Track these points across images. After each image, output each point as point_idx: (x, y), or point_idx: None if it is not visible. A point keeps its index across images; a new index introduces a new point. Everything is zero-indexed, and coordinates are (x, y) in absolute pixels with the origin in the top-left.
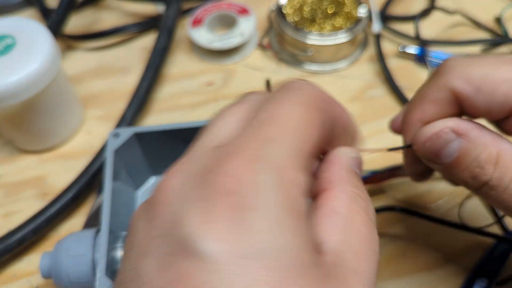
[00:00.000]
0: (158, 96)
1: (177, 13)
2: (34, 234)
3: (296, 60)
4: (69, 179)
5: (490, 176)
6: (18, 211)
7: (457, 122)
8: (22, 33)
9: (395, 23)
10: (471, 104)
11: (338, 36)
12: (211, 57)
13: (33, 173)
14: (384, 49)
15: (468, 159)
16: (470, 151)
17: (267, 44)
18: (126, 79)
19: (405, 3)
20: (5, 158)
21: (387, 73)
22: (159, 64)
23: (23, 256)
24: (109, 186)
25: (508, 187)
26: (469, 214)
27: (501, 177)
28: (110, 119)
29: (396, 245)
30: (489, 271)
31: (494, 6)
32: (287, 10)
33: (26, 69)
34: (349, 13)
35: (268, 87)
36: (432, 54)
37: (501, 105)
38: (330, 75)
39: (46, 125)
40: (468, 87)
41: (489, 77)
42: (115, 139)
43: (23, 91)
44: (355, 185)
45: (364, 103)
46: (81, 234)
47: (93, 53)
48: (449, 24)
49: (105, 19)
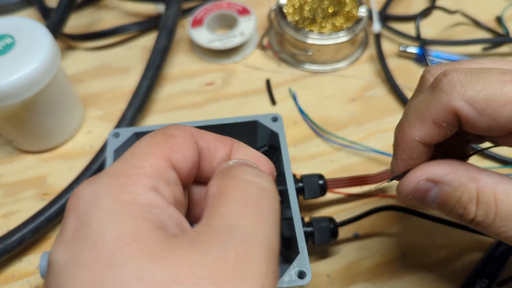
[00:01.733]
0: (158, 96)
1: (177, 13)
2: (33, 234)
3: (296, 60)
4: (69, 179)
5: (473, 214)
6: (17, 211)
7: (431, 170)
8: (21, 32)
9: (395, 23)
10: (473, 125)
11: (338, 35)
12: (211, 57)
13: (33, 173)
14: (384, 49)
15: (451, 202)
16: (450, 195)
17: (267, 44)
18: (126, 79)
19: (405, 3)
20: (5, 158)
21: (387, 73)
22: (159, 64)
23: (23, 256)
24: None
25: (494, 222)
26: None
27: (485, 214)
28: (110, 119)
29: (396, 245)
30: (490, 272)
31: (494, 5)
32: (288, 9)
33: (25, 69)
34: (349, 13)
35: (268, 87)
36: (432, 54)
37: (503, 126)
38: (330, 75)
39: (46, 125)
40: (471, 109)
41: (493, 99)
42: (115, 139)
43: (22, 91)
44: (233, 169)
45: (364, 103)
46: None
47: (93, 53)
48: (450, 24)
49: (105, 19)
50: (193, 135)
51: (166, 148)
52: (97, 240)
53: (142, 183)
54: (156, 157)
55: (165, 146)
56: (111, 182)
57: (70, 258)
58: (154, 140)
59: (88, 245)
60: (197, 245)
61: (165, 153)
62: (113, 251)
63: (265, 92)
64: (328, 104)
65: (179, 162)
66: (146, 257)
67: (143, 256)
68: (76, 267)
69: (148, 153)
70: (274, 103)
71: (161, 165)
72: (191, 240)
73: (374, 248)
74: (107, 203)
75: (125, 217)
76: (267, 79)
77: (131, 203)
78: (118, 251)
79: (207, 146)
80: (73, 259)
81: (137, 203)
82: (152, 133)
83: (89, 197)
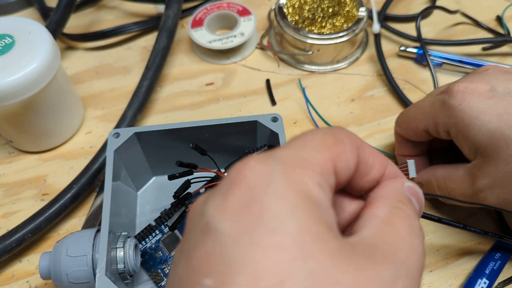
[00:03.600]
0: (158, 96)
1: (177, 13)
2: (33, 234)
3: (296, 60)
4: (69, 179)
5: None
6: (17, 211)
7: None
8: (21, 32)
9: (395, 23)
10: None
11: (338, 35)
12: (211, 57)
13: (33, 173)
14: (384, 49)
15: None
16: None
17: (267, 44)
18: (126, 79)
19: (405, 3)
20: (5, 158)
21: (387, 73)
22: (159, 64)
23: (23, 257)
24: (109, 186)
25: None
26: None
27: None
28: (110, 119)
29: None
30: (490, 271)
31: (495, 5)
32: (287, 9)
33: (25, 69)
34: (349, 13)
35: (268, 87)
36: (432, 54)
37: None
38: (330, 74)
39: (46, 125)
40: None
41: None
42: (115, 139)
43: (22, 91)
44: (400, 201)
45: (364, 103)
46: (80, 234)
47: (93, 53)
48: (450, 24)
49: (105, 19)
50: (358, 146)
51: (334, 152)
52: (277, 226)
53: (314, 178)
54: (325, 158)
55: (334, 151)
56: (285, 169)
57: (242, 232)
58: (325, 140)
59: (265, 228)
60: (373, 261)
61: (333, 157)
62: (297, 243)
63: (265, 92)
64: (328, 104)
65: (341, 169)
66: (328, 257)
67: (325, 256)
68: (252, 247)
69: (319, 151)
70: (274, 103)
71: (328, 167)
72: (365, 253)
73: None
74: (284, 190)
75: (305, 210)
76: (267, 79)
77: (307, 197)
78: (303, 246)
79: (365, 160)
80: (247, 236)
81: (312, 198)
82: (323, 131)
83: (263, 175)
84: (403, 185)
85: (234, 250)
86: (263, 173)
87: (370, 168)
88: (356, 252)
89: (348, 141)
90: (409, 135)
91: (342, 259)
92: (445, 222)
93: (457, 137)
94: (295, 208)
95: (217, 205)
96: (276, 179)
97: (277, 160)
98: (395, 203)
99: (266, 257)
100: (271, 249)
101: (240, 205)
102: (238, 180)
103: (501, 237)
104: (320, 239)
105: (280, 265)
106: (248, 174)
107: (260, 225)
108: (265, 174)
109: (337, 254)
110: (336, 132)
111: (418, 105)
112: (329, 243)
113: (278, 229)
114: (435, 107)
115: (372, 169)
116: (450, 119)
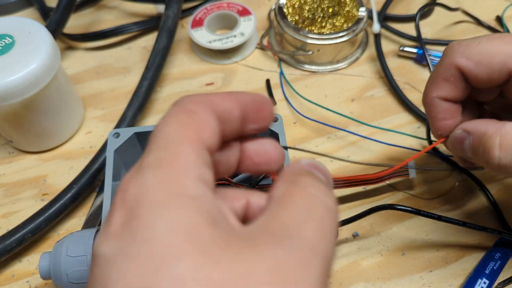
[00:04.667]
0: (158, 96)
1: (177, 13)
2: (33, 234)
3: (296, 60)
4: (69, 179)
5: (498, 158)
6: (17, 211)
7: (465, 124)
8: (21, 32)
9: (395, 23)
10: (474, 75)
11: (338, 35)
12: (211, 57)
13: (33, 173)
14: (384, 49)
15: (478, 148)
16: (477, 142)
17: (267, 44)
18: (126, 79)
19: (405, 3)
20: (5, 158)
21: (387, 73)
22: (159, 64)
23: (23, 257)
24: (109, 186)
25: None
26: (470, 212)
27: (509, 157)
28: (110, 119)
29: (396, 245)
30: (490, 272)
31: (495, 5)
32: (287, 9)
33: (25, 69)
34: (349, 13)
35: (268, 87)
36: (432, 54)
37: (499, 72)
38: (330, 74)
39: (45, 125)
40: (469, 62)
41: (484, 51)
42: (115, 139)
43: (22, 91)
44: (299, 175)
45: (364, 103)
46: (80, 234)
47: (93, 53)
48: (450, 23)
49: (105, 19)
50: (208, 104)
51: (194, 128)
52: (148, 234)
53: (188, 173)
54: (191, 140)
55: (192, 126)
56: (157, 174)
57: (118, 251)
58: (180, 120)
59: (138, 239)
60: (256, 247)
61: (196, 134)
62: (166, 246)
63: (265, 92)
64: (328, 104)
65: (209, 140)
66: (201, 255)
67: (199, 253)
68: (126, 261)
69: (183, 137)
70: (274, 103)
71: (198, 148)
72: (248, 241)
73: (374, 248)
74: (157, 197)
75: (177, 210)
76: (267, 79)
77: (181, 195)
78: (172, 247)
79: (221, 110)
80: (122, 252)
81: (188, 195)
82: (172, 112)
83: (137, 190)
84: (301, 163)
85: (112, 270)
86: (136, 187)
87: (229, 114)
88: (240, 241)
89: (199, 108)
90: (480, 73)
91: (216, 251)
92: (445, 219)
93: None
94: (166, 211)
95: (101, 233)
96: (149, 189)
97: (146, 168)
98: (293, 177)
99: (138, 268)
100: (142, 260)
101: (121, 226)
102: (116, 203)
103: (500, 233)
104: (193, 237)
105: (151, 272)
106: (125, 194)
107: (135, 238)
108: (139, 187)
109: (214, 249)
110: (183, 105)
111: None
112: (205, 239)
113: (149, 236)
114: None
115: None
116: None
